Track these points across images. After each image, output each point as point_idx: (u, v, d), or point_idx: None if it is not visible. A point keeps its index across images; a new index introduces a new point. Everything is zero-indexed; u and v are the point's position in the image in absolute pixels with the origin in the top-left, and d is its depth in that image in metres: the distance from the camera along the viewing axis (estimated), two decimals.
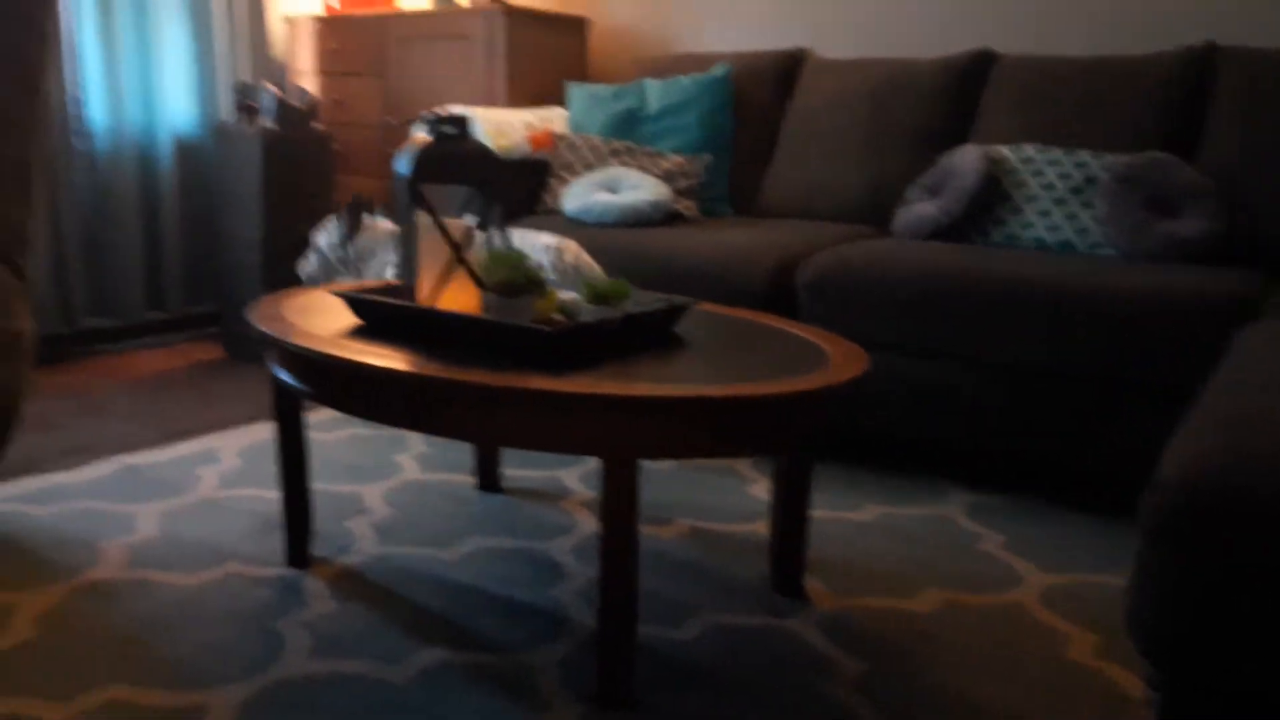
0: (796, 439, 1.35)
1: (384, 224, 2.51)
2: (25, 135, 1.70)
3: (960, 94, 2.70)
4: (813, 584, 1.69)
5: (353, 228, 2.38)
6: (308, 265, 2.49)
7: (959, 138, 2.69)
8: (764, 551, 1.81)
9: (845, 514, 1.99)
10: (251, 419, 2.48)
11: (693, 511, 1.98)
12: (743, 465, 2.25)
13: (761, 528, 1.91)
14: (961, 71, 2.71)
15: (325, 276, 2.49)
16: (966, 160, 2.44)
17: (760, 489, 2.11)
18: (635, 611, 1.31)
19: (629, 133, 2.98)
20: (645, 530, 1.88)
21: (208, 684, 1.33)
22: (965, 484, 2.18)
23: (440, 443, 2.33)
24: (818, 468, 2.25)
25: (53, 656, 1.38)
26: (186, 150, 3.33)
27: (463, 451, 2.28)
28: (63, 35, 2.94)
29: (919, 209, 2.50)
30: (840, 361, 1.42)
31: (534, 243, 2.25)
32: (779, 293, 2.26)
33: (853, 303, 2.15)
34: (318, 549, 1.75)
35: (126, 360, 3.06)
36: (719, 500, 2.04)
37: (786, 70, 3.02)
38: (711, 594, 1.64)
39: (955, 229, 2.45)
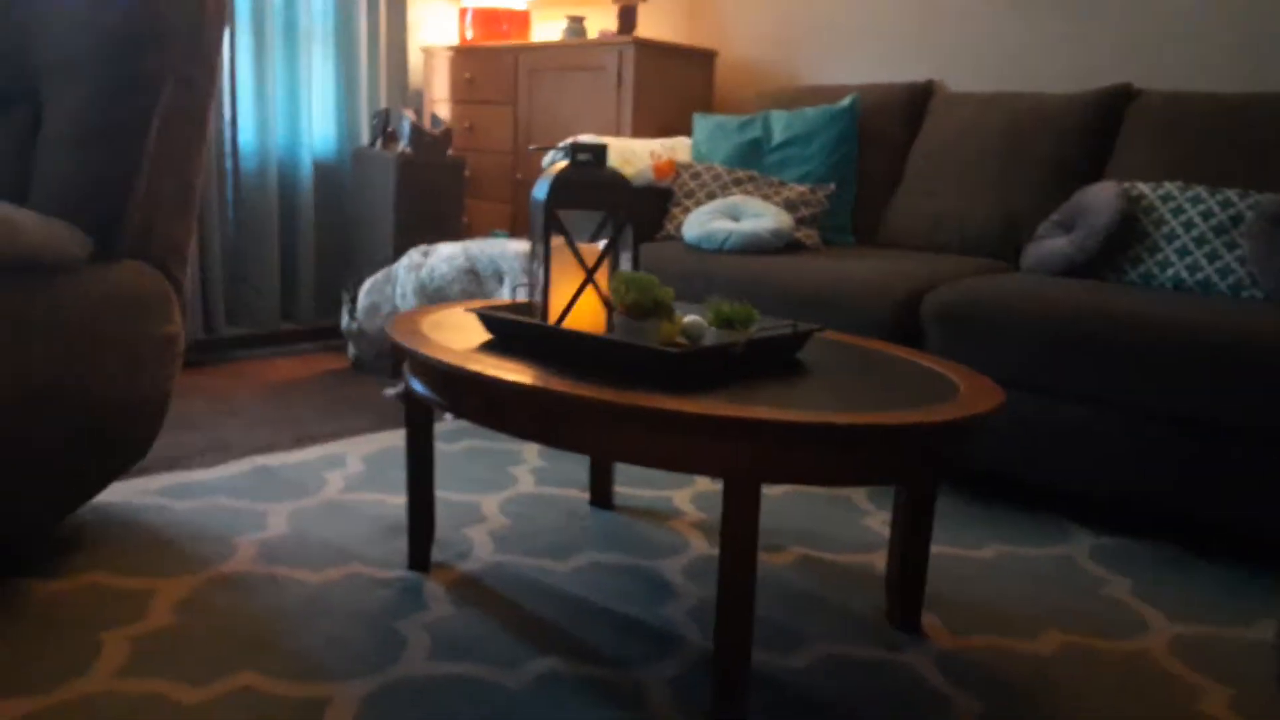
0: (925, 471, 1.33)
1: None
2: (191, 160, 1.82)
3: (1097, 129, 2.63)
4: (930, 620, 1.65)
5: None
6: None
7: (1094, 174, 2.62)
8: (879, 584, 1.78)
9: (965, 551, 1.95)
10: (376, 427, 2.58)
11: (806, 540, 1.96)
12: (858, 496, 2.22)
13: (876, 560, 1.88)
14: (1099, 106, 2.64)
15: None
16: (1102, 196, 2.37)
17: (875, 521, 2.08)
18: (750, 634, 1.31)
19: (753, 162, 3.00)
20: (759, 557, 1.87)
21: (332, 677, 1.38)
22: (1090, 525, 2.10)
23: (554, 458, 2.37)
24: (940, 503, 2.20)
25: (188, 642, 1.46)
26: (324, 172, 3.50)
27: (576, 467, 2.31)
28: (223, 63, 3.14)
29: (1051, 244, 2.44)
30: (971, 395, 1.40)
31: (504, 250, 2.41)
32: (905, 324, 2.24)
33: (981, 337, 2.11)
34: (437, 554, 1.80)
35: (261, 367, 3.21)
36: (833, 530, 2.02)
37: (915, 102, 3.00)
38: (824, 624, 1.63)
39: (1089, 266, 2.38)
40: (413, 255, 2.81)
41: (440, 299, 2.74)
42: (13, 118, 1.72)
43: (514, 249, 2.65)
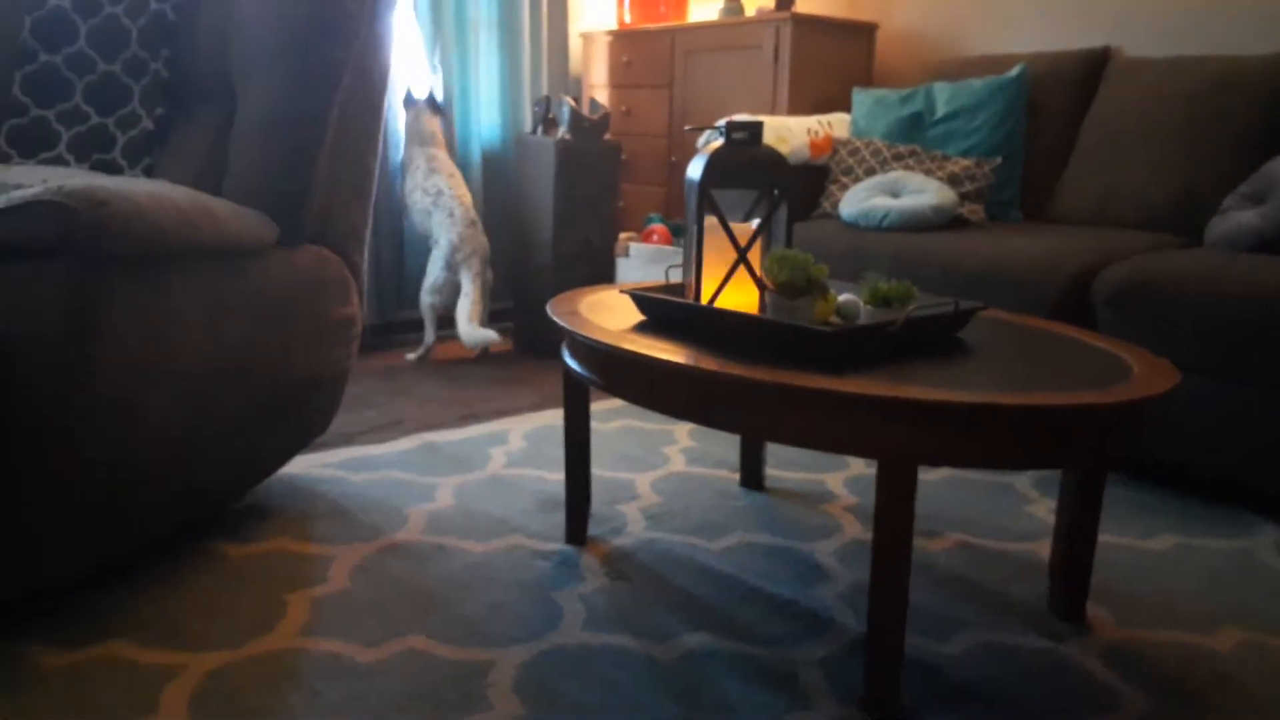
0: (1092, 456, 1.28)
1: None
2: (368, 147, 1.93)
3: None
4: (1096, 611, 1.58)
5: None
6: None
7: None
8: (1042, 573, 1.72)
9: (1136, 541, 1.85)
10: (536, 406, 2.66)
11: (965, 526, 1.91)
12: (1022, 482, 2.14)
13: (1039, 548, 1.81)
14: None
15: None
16: None
17: (1040, 508, 2.00)
18: (904, 618, 1.29)
19: (914, 137, 2.92)
20: (914, 542, 1.83)
21: (494, 643, 1.45)
22: (1273, 518, 1.96)
23: (705, 438, 2.39)
24: (1108, 491, 2.10)
25: (363, 606, 1.55)
26: (490, 160, 3.62)
27: (727, 448, 2.32)
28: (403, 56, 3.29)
29: (1238, 218, 2.27)
30: (1145, 376, 1.33)
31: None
32: (1076, 303, 2.13)
33: (1160, 318, 1.99)
34: (592, 529, 1.86)
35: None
36: (994, 517, 1.96)
37: (1089, 70, 2.84)
38: (983, 611, 1.58)
39: None
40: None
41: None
42: (211, 114, 1.86)
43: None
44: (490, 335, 3.00)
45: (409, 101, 3.29)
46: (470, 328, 3.01)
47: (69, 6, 1.92)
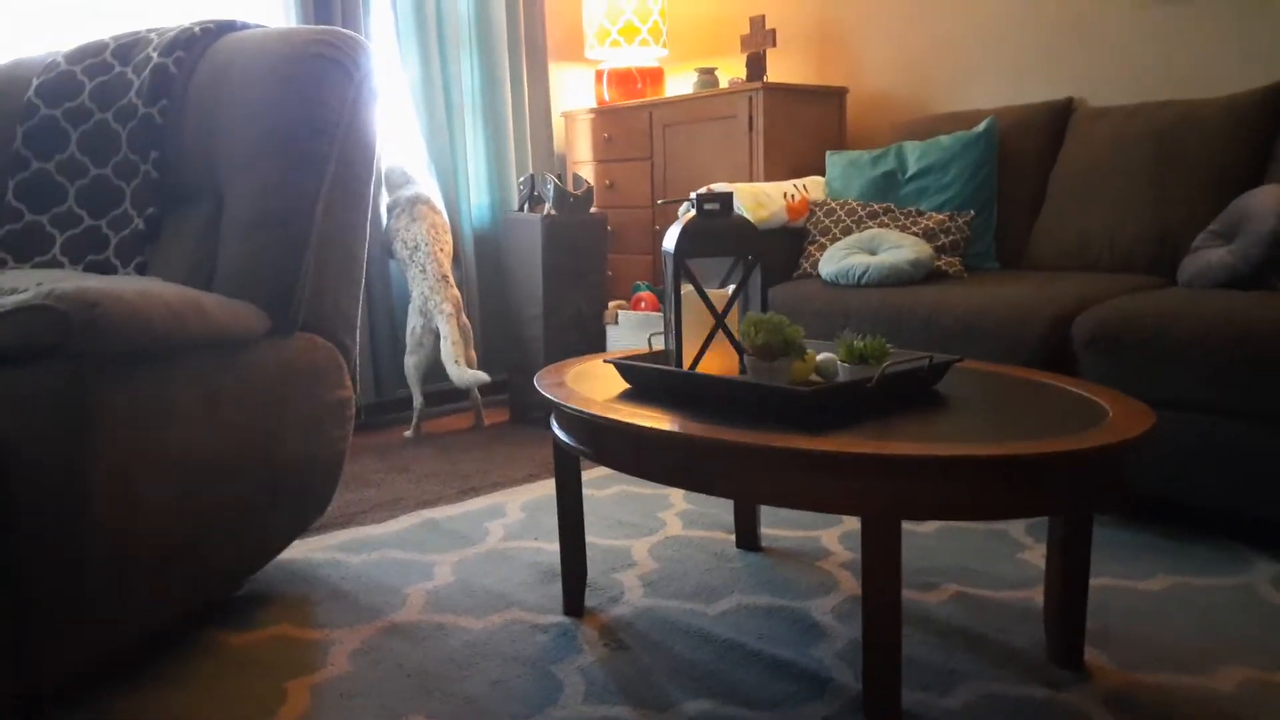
0: (1070, 502, 1.30)
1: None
2: (356, 235, 1.98)
3: (1254, 132, 2.49)
4: (1094, 656, 1.59)
5: None
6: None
7: (1253, 180, 2.48)
8: (1038, 620, 1.72)
9: (1132, 582, 1.86)
10: (533, 476, 2.68)
11: (960, 577, 1.92)
12: (1015, 530, 2.15)
13: (1036, 595, 1.82)
14: (1255, 108, 2.51)
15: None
16: (1265, 201, 2.24)
17: (1034, 555, 2.01)
18: (899, 674, 1.30)
19: (888, 195, 2.99)
20: (910, 595, 1.84)
21: None
22: (1270, 552, 1.96)
23: (701, 501, 2.40)
24: (1102, 533, 2.11)
25: (364, 690, 1.56)
26: (481, 239, 3.69)
27: (722, 510, 2.34)
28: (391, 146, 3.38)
29: (1209, 256, 2.32)
30: (1121, 419, 1.35)
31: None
32: (1056, 349, 2.17)
33: (1140, 358, 2.02)
34: (590, 599, 1.86)
35: (428, 424, 3.39)
36: (989, 566, 1.96)
37: (1054, 120, 2.92)
38: (982, 662, 1.59)
39: (1254, 276, 2.24)
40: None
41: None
42: (200, 210, 1.91)
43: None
44: (480, 375, 3.05)
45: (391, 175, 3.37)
46: (458, 369, 3.06)
47: (60, 115, 1.99)
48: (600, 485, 2.57)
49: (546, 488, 2.58)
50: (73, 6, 2.84)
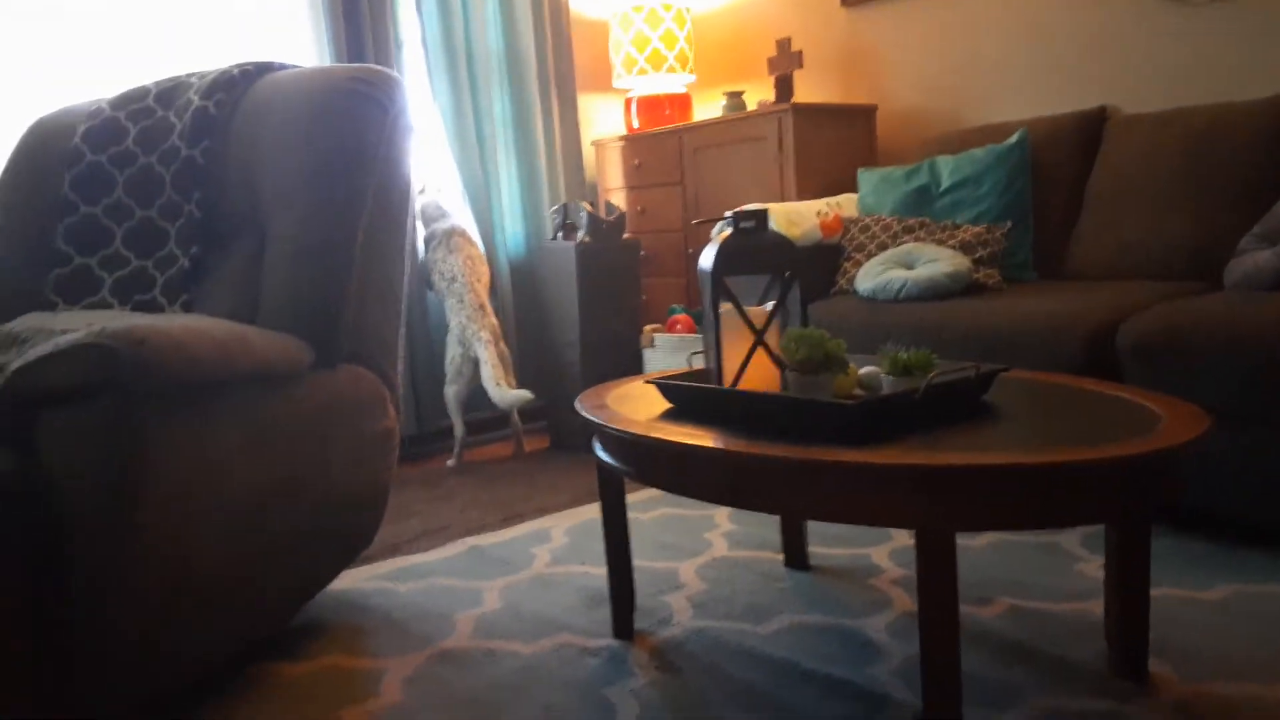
0: (1127, 509, 1.27)
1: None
2: (395, 265, 2.00)
3: None
4: (1158, 668, 1.55)
5: None
6: None
7: None
8: (1097, 632, 1.69)
9: (1193, 592, 1.82)
10: (576, 501, 2.68)
11: (1015, 590, 1.89)
12: (1069, 541, 2.11)
13: (1093, 607, 1.79)
14: None
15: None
16: None
17: (1090, 566, 1.97)
18: (959, 690, 1.27)
19: (922, 210, 2.97)
20: (965, 610, 1.81)
21: None
22: None
23: (747, 521, 2.39)
24: (1161, 543, 2.07)
25: (419, 717, 1.56)
26: (517, 269, 3.71)
27: (768, 529, 2.32)
28: (429, 181, 3.42)
29: (1256, 258, 2.28)
30: (1176, 424, 1.33)
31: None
32: (1100, 358, 2.14)
33: (1188, 365, 1.99)
34: (639, 621, 1.85)
35: (469, 453, 3.40)
36: (1043, 579, 1.93)
37: (1088, 130, 2.90)
38: (1041, 677, 1.55)
39: None
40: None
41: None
42: (243, 246, 1.95)
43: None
44: (523, 394, 3.06)
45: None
46: (500, 391, 3.07)
47: (105, 160, 2.04)
48: (644, 508, 2.56)
49: (589, 512, 2.57)
50: (118, 55, 2.92)
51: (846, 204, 3.14)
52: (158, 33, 3.00)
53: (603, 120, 4.16)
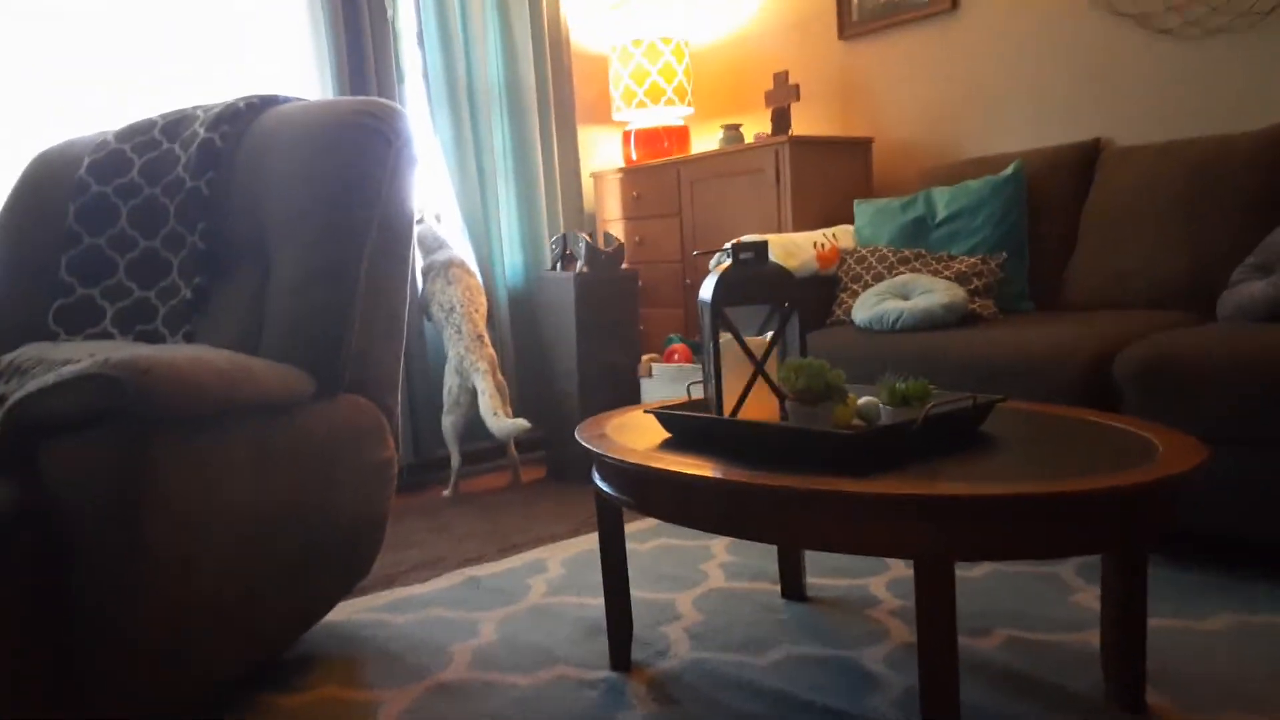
0: (1127, 538, 1.28)
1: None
2: (397, 297, 2.01)
3: None
4: (1157, 699, 1.55)
5: None
6: None
7: None
8: (1095, 662, 1.69)
9: (1191, 622, 1.82)
10: (574, 532, 2.68)
11: (1013, 621, 1.89)
12: (1065, 572, 2.12)
13: (1091, 638, 1.78)
14: None
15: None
16: None
17: (1087, 597, 1.97)
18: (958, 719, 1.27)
19: (918, 241, 3.00)
20: (963, 641, 1.81)
21: None
22: None
23: (744, 552, 2.38)
24: (1157, 572, 2.07)
25: None
26: (515, 299, 3.73)
27: (765, 560, 2.32)
28: (430, 213, 3.45)
29: (1250, 289, 2.30)
30: (1171, 454, 1.34)
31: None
32: (1097, 388, 2.15)
33: (1185, 393, 2.00)
34: (637, 652, 1.85)
35: (468, 483, 3.40)
36: (1041, 609, 1.93)
37: (1083, 161, 2.93)
38: (1040, 706, 1.55)
39: None
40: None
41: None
42: (246, 276, 1.96)
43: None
44: (520, 423, 3.07)
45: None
46: (497, 420, 3.07)
47: (110, 191, 2.06)
48: (641, 539, 2.56)
49: (586, 543, 2.57)
50: (125, 88, 2.95)
51: (843, 235, 3.17)
52: (160, 74, 3.03)
53: (602, 152, 4.20)
